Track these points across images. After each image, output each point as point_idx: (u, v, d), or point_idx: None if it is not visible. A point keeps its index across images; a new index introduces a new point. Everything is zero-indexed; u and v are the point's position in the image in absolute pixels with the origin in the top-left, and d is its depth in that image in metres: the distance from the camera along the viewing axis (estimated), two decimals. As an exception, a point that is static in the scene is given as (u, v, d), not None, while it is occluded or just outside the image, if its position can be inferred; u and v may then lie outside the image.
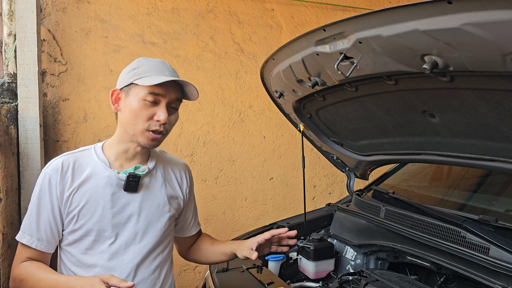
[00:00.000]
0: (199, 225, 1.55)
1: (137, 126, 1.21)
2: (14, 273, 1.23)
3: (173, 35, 2.74)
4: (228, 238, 2.86)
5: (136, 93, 1.20)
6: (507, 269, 1.21)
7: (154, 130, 1.21)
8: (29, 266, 1.21)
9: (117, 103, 1.26)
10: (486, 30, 0.87)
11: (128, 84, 1.22)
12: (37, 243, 1.22)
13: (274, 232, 1.34)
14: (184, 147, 2.80)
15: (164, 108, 1.21)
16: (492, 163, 1.38)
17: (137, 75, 1.20)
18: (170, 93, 1.22)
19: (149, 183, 1.31)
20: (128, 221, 1.26)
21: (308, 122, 1.93)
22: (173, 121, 1.27)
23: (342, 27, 1.16)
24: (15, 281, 1.22)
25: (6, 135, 2.12)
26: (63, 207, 1.23)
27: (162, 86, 1.19)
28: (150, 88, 1.19)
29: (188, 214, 1.49)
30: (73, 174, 1.24)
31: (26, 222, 1.24)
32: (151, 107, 1.20)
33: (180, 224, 1.48)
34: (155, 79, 1.17)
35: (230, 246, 1.41)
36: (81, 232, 1.23)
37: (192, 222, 1.51)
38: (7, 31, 2.26)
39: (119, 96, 1.25)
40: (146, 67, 1.22)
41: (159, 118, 1.20)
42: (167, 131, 1.25)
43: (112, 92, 1.26)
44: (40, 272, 1.19)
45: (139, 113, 1.20)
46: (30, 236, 1.22)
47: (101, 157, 1.27)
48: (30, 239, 1.22)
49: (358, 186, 2.31)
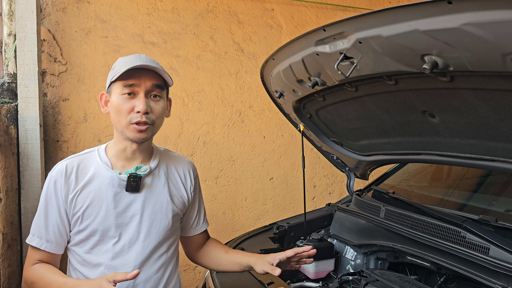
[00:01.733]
0: (205, 225, 1.52)
1: (121, 122, 1.23)
2: (26, 275, 1.26)
3: (173, 35, 2.74)
4: (228, 238, 2.86)
5: (115, 90, 1.23)
6: (507, 269, 1.21)
7: (137, 122, 1.22)
8: (40, 269, 1.24)
9: (106, 105, 1.30)
10: (486, 30, 0.87)
11: (109, 84, 1.26)
12: (46, 244, 1.25)
13: (298, 250, 1.32)
14: (184, 147, 2.80)
15: (142, 98, 1.22)
16: (492, 163, 1.38)
17: (113, 74, 1.23)
18: (145, 81, 1.22)
19: (151, 182, 1.32)
20: (131, 221, 1.27)
21: (308, 122, 1.93)
22: (158, 110, 1.26)
23: (342, 27, 1.16)
24: (26, 283, 1.25)
25: (6, 135, 2.12)
26: (69, 209, 1.26)
27: (135, 76, 1.21)
28: (123, 81, 1.21)
29: (192, 212, 1.47)
30: (77, 176, 1.26)
31: (35, 225, 1.27)
32: (130, 100, 1.22)
33: (184, 223, 1.48)
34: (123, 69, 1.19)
35: (247, 258, 1.37)
36: (86, 232, 1.25)
37: (195, 221, 1.49)
38: (7, 31, 2.26)
39: (107, 99, 1.29)
40: (120, 63, 1.24)
41: (138, 108, 1.21)
42: (153, 121, 1.25)
43: (100, 96, 1.31)
44: (50, 275, 1.21)
45: (120, 108, 1.22)
46: (39, 238, 1.25)
47: (103, 158, 1.29)
48: (40, 241, 1.25)
49: (358, 186, 2.31)
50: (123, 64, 1.22)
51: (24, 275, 1.26)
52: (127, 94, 1.21)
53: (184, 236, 1.51)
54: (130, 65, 1.19)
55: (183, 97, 2.77)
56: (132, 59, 1.23)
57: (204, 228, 1.52)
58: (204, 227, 1.52)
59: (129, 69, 1.19)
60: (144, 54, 1.28)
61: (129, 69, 1.19)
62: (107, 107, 1.29)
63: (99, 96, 1.31)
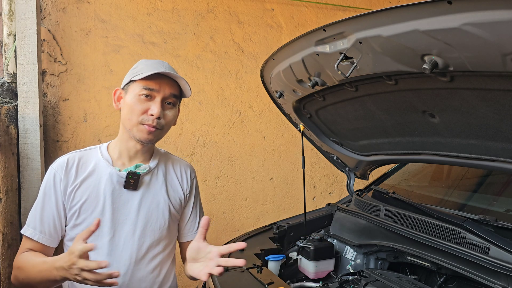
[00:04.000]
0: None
1: (132, 120, 1.25)
2: (14, 262, 1.27)
3: (173, 35, 2.74)
4: (228, 238, 2.86)
5: (133, 89, 1.25)
6: (507, 269, 1.21)
7: (148, 124, 1.23)
8: (27, 256, 1.25)
9: (119, 101, 1.31)
10: (486, 30, 0.87)
11: (127, 82, 1.28)
12: (39, 235, 1.26)
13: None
14: (184, 147, 2.80)
15: (158, 103, 1.24)
16: (492, 163, 1.38)
17: (134, 73, 1.25)
18: (165, 88, 1.26)
19: (149, 181, 1.32)
20: (127, 218, 1.28)
21: (308, 122, 1.93)
22: (169, 117, 1.29)
23: (342, 27, 1.16)
24: (14, 270, 1.26)
25: (6, 135, 2.12)
26: (66, 202, 1.27)
27: (156, 81, 1.23)
28: (144, 83, 1.23)
29: (185, 216, 1.46)
30: (77, 171, 1.28)
31: (31, 216, 1.29)
32: (146, 102, 1.24)
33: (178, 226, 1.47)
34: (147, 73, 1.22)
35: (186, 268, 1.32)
36: (82, 227, 1.26)
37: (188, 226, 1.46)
38: (7, 31, 2.26)
39: (120, 95, 1.31)
40: (143, 65, 1.26)
41: (152, 112, 1.23)
42: (162, 127, 1.27)
43: (114, 91, 1.33)
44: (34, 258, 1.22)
45: (134, 107, 1.24)
46: (33, 229, 1.26)
47: (104, 155, 1.31)
48: (33, 231, 1.26)
49: (358, 186, 2.31)
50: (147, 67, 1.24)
51: (14, 263, 1.27)
52: (145, 96, 1.24)
53: (179, 241, 1.50)
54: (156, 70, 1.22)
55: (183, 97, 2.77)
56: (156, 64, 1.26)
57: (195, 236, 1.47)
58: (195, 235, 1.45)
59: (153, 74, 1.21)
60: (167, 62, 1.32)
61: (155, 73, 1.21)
62: (119, 103, 1.31)
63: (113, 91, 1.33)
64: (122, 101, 1.29)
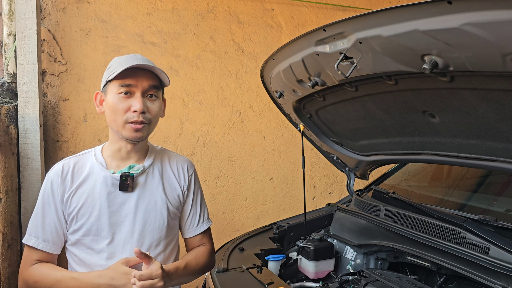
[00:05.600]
0: (200, 229, 1.44)
1: (117, 121, 1.23)
2: (25, 275, 1.25)
3: (173, 35, 2.74)
4: (228, 238, 2.86)
5: (111, 89, 1.23)
6: (507, 269, 1.21)
7: (134, 121, 1.22)
8: (41, 268, 1.24)
9: (101, 105, 1.30)
10: (486, 30, 0.87)
11: (104, 84, 1.26)
12: (43, 244, 1.25)
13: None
14: (184, 147, 2.80)
15: (139, 98, 1.22)
16: (492, 163, 1.38)
17: (109, 73, 1.23)
18: (142, 81, 1.23)
19: (145, 181, 1.31)
20: (125, 220, 1.27)
21: (308, 122, 1.93)
22: (154, 110, 1.26)
23: (342, 27, 1.16)
24: (27, 283, 1.24)
25: (6, 135, 2.12)
26: (65, 209, 1.26)
27: (132, 76, 1.21)
28: (120, 81, 1.21)
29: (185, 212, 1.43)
30: (73, 177, 1.27)
31: (31, 225, 1.27)
32: (126, 100, 1.22)
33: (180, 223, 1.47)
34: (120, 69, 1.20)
35: None
36: (81, 232, 1.25)
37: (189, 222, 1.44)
38: (7, 31, 2.26)
39: (102, 98, 1.29)
40: (116, 63, 1.24)
41: (135, 108, 1.21)
42: (149, 121, 1.25)
43: (95, 95, 1.31)
44: (55, 272, 1.22)
45: (116, 107, 1.22)
46: (36, 238, 1.25)
47: (98, 158, 1.30)
48: (36, 241, 1.25)
49: (358, 186, 2.31)
50: (119, 64, 1.22)
51: (23, 276, 1.25)
52: (124, 94, 1.22)
53: (184, 237, 1.50)
54: (127, 65, 1.19)
55: (183, 97, 2.77)
56: (128, 59, 1.24)
57: (198, 232, 1.44)
58: (197, 231, 1.44)
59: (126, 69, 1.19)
60: (140, 54, 1.29)
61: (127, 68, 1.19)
62: (102, 106, 1.29)
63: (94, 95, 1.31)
64: (104, 103, 1.27)
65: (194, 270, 1.36)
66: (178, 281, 1.30)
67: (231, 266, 1.66)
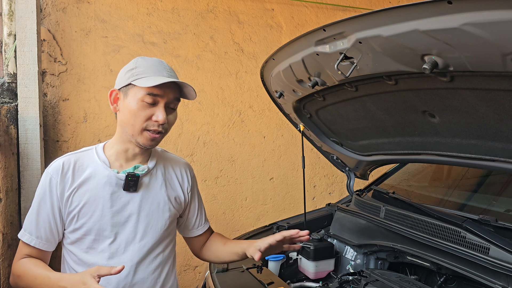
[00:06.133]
0: (206, 224, 1.54)
1: (136, 127, 1.22)
2: (13, 268, 1.26)
3: (173, 35, 2.74)
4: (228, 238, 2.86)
5: (135, 93, 1.20)
6: (507, 269, 1.21)
7: (153, 130, 1.22)
8: (27, 263, 1.24)
9: (116, 103, 1.27)
10: (486, 30, 0.87)
11: (126, 84, 1.23)
12: (36, 241, 1.25)
13: (285, 234, 1.31)
14: (184, 147, 2.80)
15: (163, 109, 1.21)
16: (492, 163, 1.38)
17: (135, 76, 1.21)
18: (168, 93, 1.23)
19: (148, 182, 1.32)
20: (128, 221, 1.27)
21: (308, 122, 1.93)
22: (172, 121, 1.28)
23: (342, 27, 1.16)
24: (13, 276, 1.25)
25: (6, 135, 2.12)
26: (64, 207, 1.25)
27: (160, 87, 1.20)
28: (148, 89, 1.19)
29: (192, 213, 1.48)
30: (74, 174, 1.26)
31: (27, 221, 1.27)
32: (149, 108, 1.21)
33: (185, 224, 1.48)
34: (153, 80, 1.18)
35: (241, 246, 1.39)
36: (82, 231, 1.24)
37: (197, 222, 1.50)
38: (7, 31, 2.26)
39: (117, 96, 1.26)
40: (143, 67, 1.22)
41: (157, 119, 1.21)
42: (166, 130, 1.26)
43: (110, 92, 1.27)
44: (35, 269, 1.21)
45: (137, 113, 1.20)
46: (29, 234, 1.25)
47: (101, 157, 1.29)
48: (30, 237, 1.25)
49: (358, 186, 2.31)
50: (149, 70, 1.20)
51: (12, 268, 1.26)
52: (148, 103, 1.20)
53: (188, 237, 1.51)
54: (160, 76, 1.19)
55: (183, 97, 2.77)
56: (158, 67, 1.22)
57: (206, 227, 1.54)
58: (205, 226, 1.54)
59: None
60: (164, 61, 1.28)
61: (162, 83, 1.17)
62: (116, 105, 1.26)
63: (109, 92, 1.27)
64: (120, 103, 1.24)
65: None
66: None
67: (231, 266, 1.67)
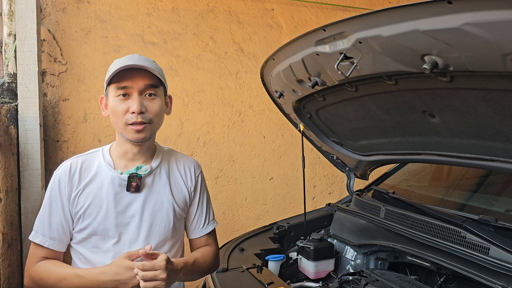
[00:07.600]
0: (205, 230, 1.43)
1: (119, 124, 1.23)
2: (32, 272, 1.26)
3: (173, 35, 2.74)
4: (228, 238, 2.86)
5: (111, 92, 1.24)
6: (507, 269, 1.21)
7: (133, 123, 1.22)
8: (47, 265, 1.25)
9: (106, 108, 1.30)
10: (486, 30, 0.87)
11: (106, 87, 1.27)
12: (49, 242, 1.26)
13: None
14: (184, 147, 2.80)
15: (136, 98, 1.21)
16: (492, 163, 1.38)
17: (107, 76, 1.24)
18: (137, 81, 1.22)
19: (152, 182, 1.32)
20: (131, 221, 1.27)
21: (308, 122, 1.93)
22: (154, 108, 1.25)
23: (342, 27, 1.16)
24: (33, 280, 1.25)
25: (6, 135, 2.12)
26: (71, 207, 1.27)
27: (127, 77, 1.21)
28: (117, 84, 1.21)
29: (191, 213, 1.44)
30: (80, 176, 1.28)
31: (38, 223, 1.28)
32: (125, 101, 1.22)
33: (186, 224, 1.47)
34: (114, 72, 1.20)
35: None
36: (88, 231, 1.26)
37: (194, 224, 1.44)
38: (7, 31, 2.26)
39: (106, 102, 1.29)
40: (113, 66, 1.24)
41: (132, 109, 1.21)
42: (150, 120, 1.24)
43: (100, 99, 1.31)
44: (60, 269, 1.23)
45: (116, 110, 1.22)
46: (42, 235, 1.26)
47: (106, 158, 1.30)
48: (43, 238, 1.26)
49: (358, 186, 2.31)
50: (116, 65, 1.22)
51: (29, 272, 1.26)
52: (122, 96, 1.22)
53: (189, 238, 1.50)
54: (119, 65, 1.19)
55: (183, 97, 2.77)
56: (124, 60, 1.23)
57: (203, 233, 1.44)
58: (203, 232, 1.44)
59: (121, 71, 1.19)
60: (138, 54, 1.28)
61: (120, 70, 1.19)
62: (107, 110, 1.29)
63: (99, 99, 1.32)
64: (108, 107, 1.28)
65: (201, 268, 1.36)
66: (185, 277, 1.30)
67: (231, 266, 1.67)
